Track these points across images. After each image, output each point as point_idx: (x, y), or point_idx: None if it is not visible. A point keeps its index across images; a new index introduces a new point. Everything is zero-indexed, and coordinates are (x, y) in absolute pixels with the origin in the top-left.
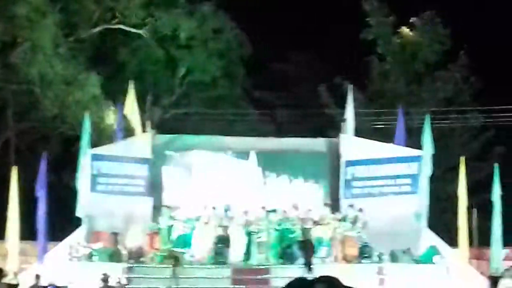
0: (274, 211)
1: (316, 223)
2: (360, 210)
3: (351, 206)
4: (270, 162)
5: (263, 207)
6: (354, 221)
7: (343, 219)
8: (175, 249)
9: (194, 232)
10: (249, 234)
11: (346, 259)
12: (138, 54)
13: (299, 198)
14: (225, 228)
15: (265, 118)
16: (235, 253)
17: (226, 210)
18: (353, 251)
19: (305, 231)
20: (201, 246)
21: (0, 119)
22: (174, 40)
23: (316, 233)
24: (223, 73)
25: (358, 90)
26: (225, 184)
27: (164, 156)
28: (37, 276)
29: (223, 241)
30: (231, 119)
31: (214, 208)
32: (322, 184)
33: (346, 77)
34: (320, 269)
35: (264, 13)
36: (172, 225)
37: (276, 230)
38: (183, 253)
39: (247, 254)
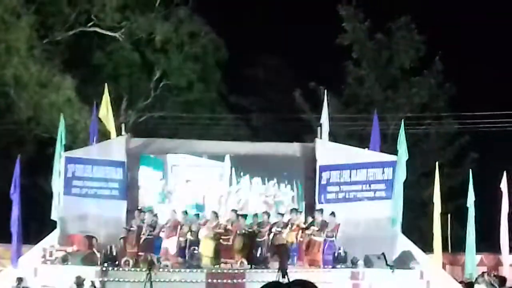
0: (245, 216)
1: (285, 227)
2: (333, 214)
3: (319, 210)
4: (245, 166)
5: (235, 210)
6: (322, 226)
7: (311, 224)
8: (149, 253)
9: (167, 236)
10: (219, 238)
11: (313, 264)
12: (113, 57)
13: (272, 202)
14: (196, 232)
15: (241, 122)
16: (207, 257)
17: (197, 214)
18: (318, 256)
19: (275, 235)
20: (173, 250)
21: None
22: (149, 43)
23: (284, 237)
24: (199, 77)
25: (333, 95)
26: (199, 187)
27: (138, 159)
28: (19, 279)
29: (194, 245)
30: (207, 123)
31: (185, 212)
32: (296, 188)
33: (321, 82)
34: (293, 274)
35: (240, 17)
36: (146, 229)
37: (247, 233)
38: (158, 257)
39: (218, 258)
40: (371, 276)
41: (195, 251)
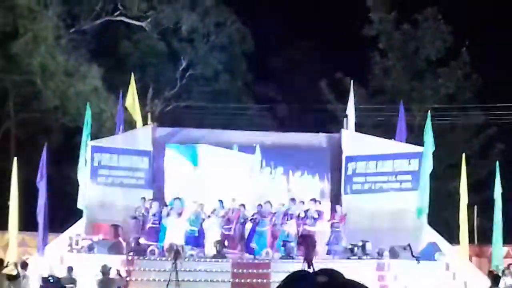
0: (269, 202)
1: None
2: (339, 204)
3: (313, 200)
4: (272, 156)
5: (268, 202)
6: (316, 217)
7: (306, 215)
8: (175, 242)
9: (199, 227)
10: (248, 227)
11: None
12: (139, 46)
13: (298, 193)
14: (227, 221)
15: (266, 112)
16: (212, 246)
17: (223, 204)
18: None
19: (275, 225)
20: (205, 240)
21: (1, 109)
22: (176, 33)
23: (286, 228)
24: (225, 67)
25: (359, 85)
26: (228, 177)
27: (164, 148)
28: (70, 269)
29: (224, 236)
30: (232, 113)
31: (220, 201)
32: (322, 179)
33: (347, 73)
34: (318, 265)
35: (266, 7)
36: (173, 219)
37: (274, 224)
38: (186, 246)
39: (223, 246)
40: (396, 267)
41: (226, 241)
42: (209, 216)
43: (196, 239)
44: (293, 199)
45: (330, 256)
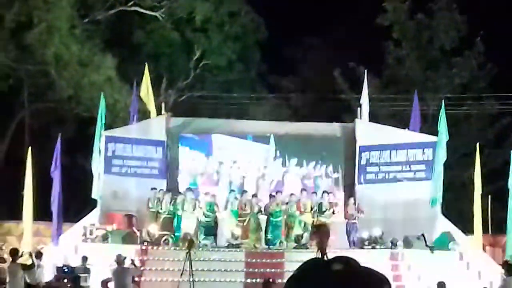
0: (279, 193)
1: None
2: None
3: (326, 192)
4: (287, 146)
5: (275, 194)
6: (329, 209)
7: (319, 207)
8: (189, 232)
9: (213, 217)
10: (263, 218)
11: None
12: (153, 36)
13: (312, 183)
14: (241, 212)
15: (280, 102)
16: (227, 237)
17: (236, 194)
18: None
19: (289, 216)
20: (193, 229)
21: (15, 99)
22: (189, 23)
23: (302, 218)
24: (239, 57)
25: (373, 75)
26: (242, 167)
27: (178, 138)
28: (84, 258)
29: (238, 226)
30: (246, 103)
31: (232, 190)
32: (336, 169)
33: (361, 62)
34: (331, 255)
35: None
36: (188, 209)
37: (288, 215)
38: (200, 236)
39: (236, 238)
40: (410, 257)
41: (239, 232)
42: (225, 206)
43: (210, 229)
44: (305, 190)
45: (346, 246)
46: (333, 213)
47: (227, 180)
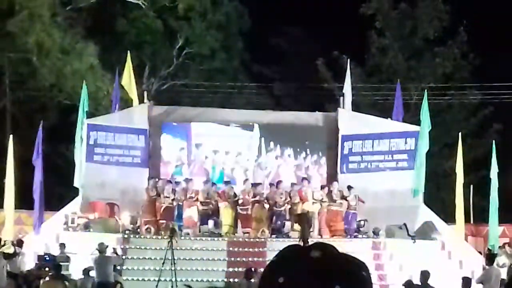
0: (259, 184)
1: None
2: (349, 187)
3: (337, 181)
4: (269, 135)
5: (254, 184)
6: (340, 197)
7: (329, 195)
8: (170, 221)
9: (188, 205)
10: (237, 207)
11: (335, 234)
12: (136, 24)
13: (294, 172)
14: (217, 201)
15: (263, 91)
16: (227, 226)
17: (228, 181)
18: (339, 225)
19: (293, 205)
20: (196, 218)
21: None
22: (172, 11)
23: (303, 207)
24: (221, 46)
25: (356, 64)
26: (224, 156)
27: (160, 127)
28: (62, 245)
29: (215, 214)
30: (229, 91)
31: (207, 181)
32: (319, 158)
33: (344, 52)
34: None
35: None
36: (168, 196)
37: (267, 203)
38: (180, 224)
39: (237, 227)
40: (392, 246)
41: (216, 220)
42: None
43: (209, 218)
44: (306, 179)
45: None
46: (346, 199)
47: (210, 166)
